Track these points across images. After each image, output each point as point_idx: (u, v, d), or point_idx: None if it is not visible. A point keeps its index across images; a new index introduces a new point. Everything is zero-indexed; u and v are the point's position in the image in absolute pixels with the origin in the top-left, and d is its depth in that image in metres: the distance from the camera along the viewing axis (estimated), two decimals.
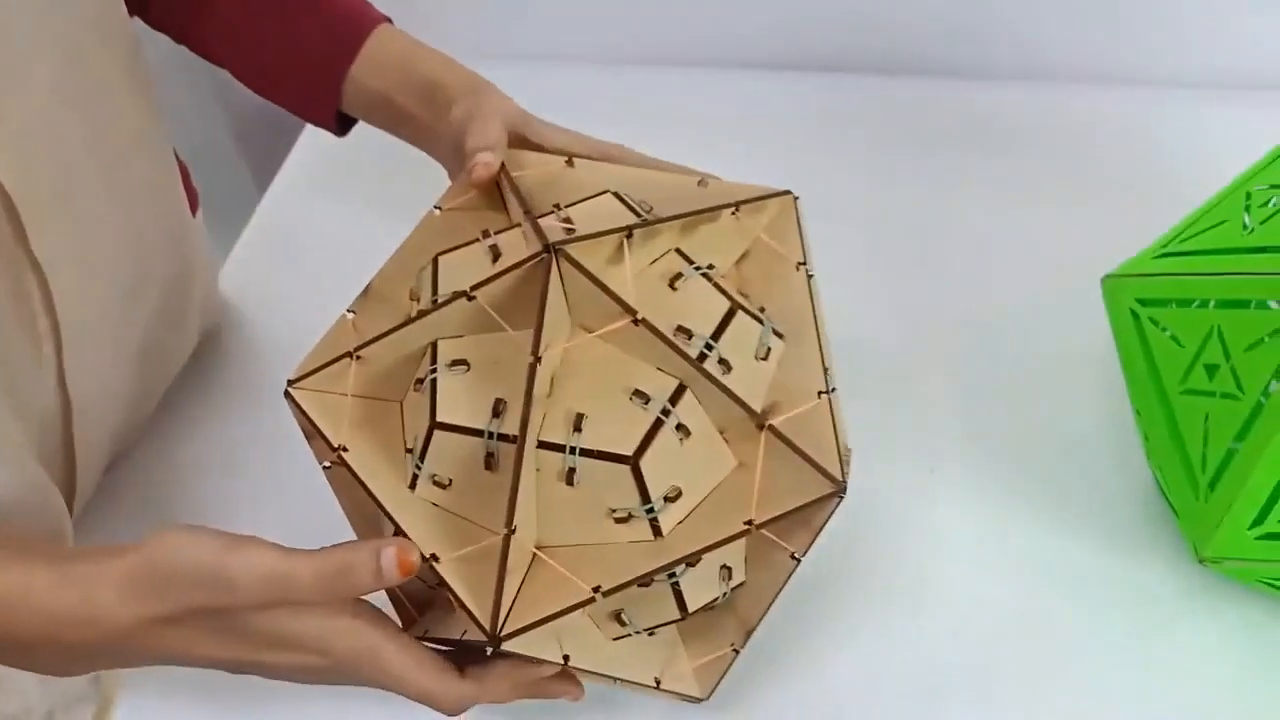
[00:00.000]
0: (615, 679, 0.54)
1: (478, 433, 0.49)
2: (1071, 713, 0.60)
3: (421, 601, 0.55)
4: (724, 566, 0.53)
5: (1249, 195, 0.61)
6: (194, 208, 0.77)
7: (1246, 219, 0.60)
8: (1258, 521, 0.57)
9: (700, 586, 0.52)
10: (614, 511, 0.49)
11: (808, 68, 1.02)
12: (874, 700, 0.61)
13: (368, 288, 0.56)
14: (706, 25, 1.02)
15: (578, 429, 0.48)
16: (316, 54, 0.69)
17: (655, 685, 0.55)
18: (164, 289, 0.69)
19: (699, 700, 0.56)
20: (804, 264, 0.56)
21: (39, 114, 0.55)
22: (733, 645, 0.55)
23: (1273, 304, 0.56)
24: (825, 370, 0.52)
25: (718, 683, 0.56)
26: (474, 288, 0.49)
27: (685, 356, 0.48)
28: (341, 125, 0.73)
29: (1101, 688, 0.61)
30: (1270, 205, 0.59)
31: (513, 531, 0.46)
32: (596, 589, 0.47)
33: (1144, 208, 0.77)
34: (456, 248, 0.55)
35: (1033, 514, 0.68)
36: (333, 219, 0.90)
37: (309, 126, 0.97)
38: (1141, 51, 0.99)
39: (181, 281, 0.72)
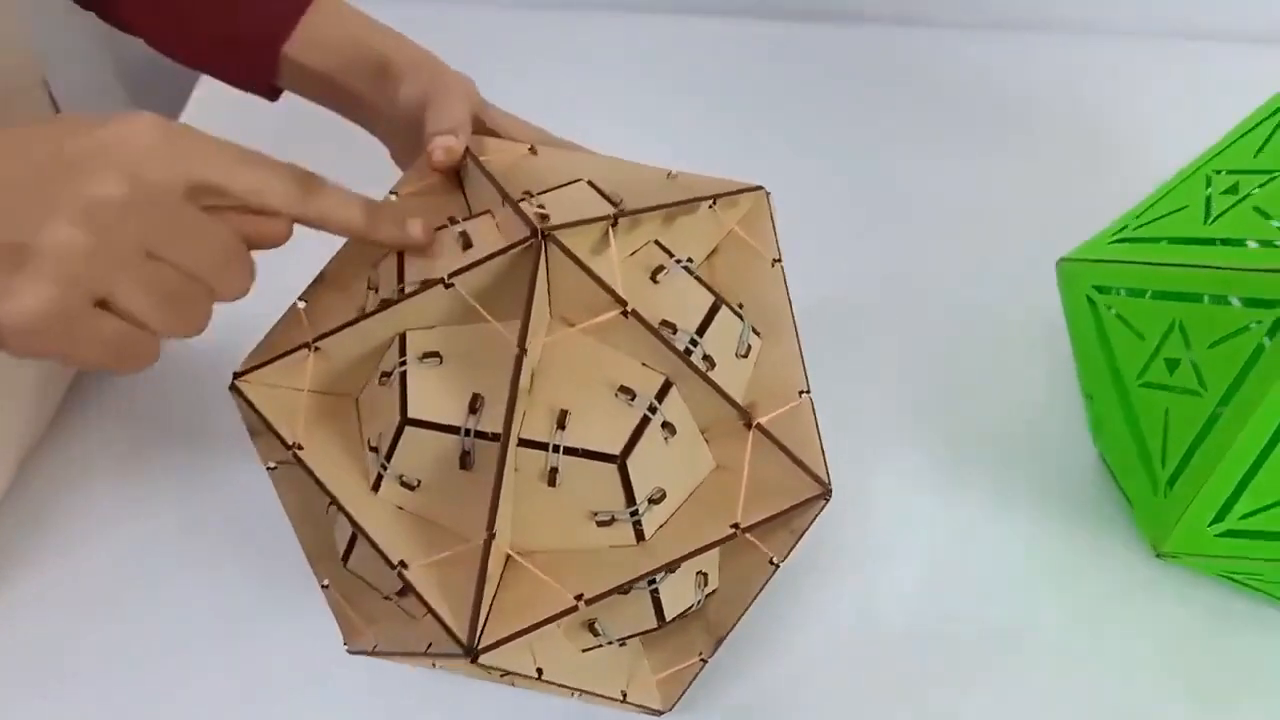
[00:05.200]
0: (580, 692, 0.51)
1: (453, 429, 0.45)
2: (1025, 692, 0.60)
3: (368, 613, 0.52)
4: (700, 573, 0.50)
5: (1209, 181, 0.60)
6: None
7: (1208, 206, 0.59)
8: (1218, 519, 0.56)
9: (678, 593, 0.50)
10: (596, 514, 0.46)
11: (759, 15, 0.98)
12: (812, 684, 0.60)
13: (321, 275, 0.51)
14: None
15: (561, 426, 0.45)
16: (250, 28, 0.62)
17: (621, 699, 0.52)
18: None
19: (659, 713, 0.54)
20: (779, 260, 0.54)
21: None
22: (700, 655, 0.53)
23: (1234, 300, 0.55)
24: (804, 370, 0.51)
25: (681, 695, 0.54)
26: (452, 275, 0.45)
27: (675, 351, 0.46)
28: (276, 93, 0.66)
29: (1051, 666, 0.60)
30: (1232, 193, 0.58)
31: (493, 536, 0.42)
32: (579, 597, 0.44)
33: (1103, 167, 0.75)
34: None
35: (978, 488, 0.67)
36: None
37: (203, 78, 0.90)
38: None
39: None
